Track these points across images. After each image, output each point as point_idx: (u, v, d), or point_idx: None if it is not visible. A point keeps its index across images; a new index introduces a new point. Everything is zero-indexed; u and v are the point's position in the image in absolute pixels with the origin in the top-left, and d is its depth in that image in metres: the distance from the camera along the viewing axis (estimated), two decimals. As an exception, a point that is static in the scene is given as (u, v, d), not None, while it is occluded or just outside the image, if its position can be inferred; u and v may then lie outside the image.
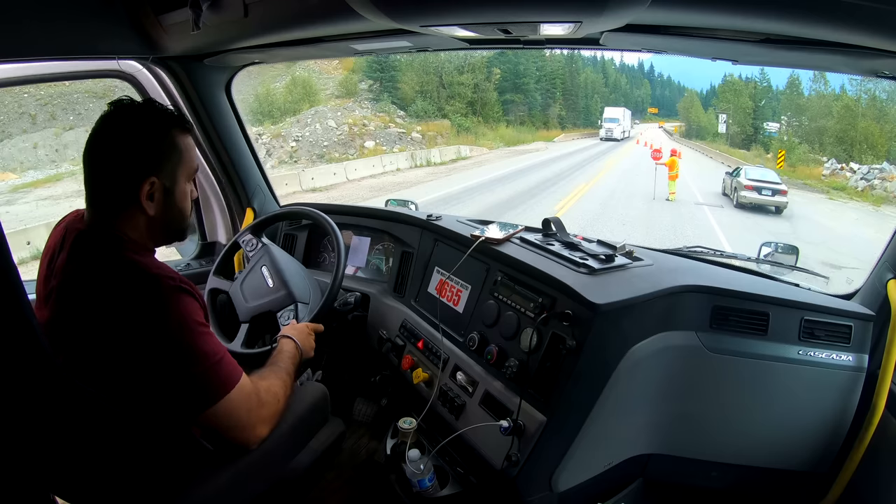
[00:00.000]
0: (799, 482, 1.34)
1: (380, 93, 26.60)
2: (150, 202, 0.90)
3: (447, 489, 1.23)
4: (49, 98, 18.72)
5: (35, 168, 16.69)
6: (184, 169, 0.94)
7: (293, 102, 23.72)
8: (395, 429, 1.37)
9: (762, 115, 34.31)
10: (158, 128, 0.91)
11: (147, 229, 0.93)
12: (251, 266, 1.56)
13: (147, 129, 0.90)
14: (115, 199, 0.89)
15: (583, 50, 6.43)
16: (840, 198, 17.06)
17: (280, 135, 20.43)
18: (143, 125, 0.90)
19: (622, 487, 1.33)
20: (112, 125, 0.90)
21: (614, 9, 0.83)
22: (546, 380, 1.10)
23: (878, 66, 1.00)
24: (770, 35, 0.94)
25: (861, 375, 1.24)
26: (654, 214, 11.42)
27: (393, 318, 1.60)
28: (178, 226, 0.98)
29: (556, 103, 40.18)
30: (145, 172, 0.89)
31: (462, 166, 19.42)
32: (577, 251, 1.34)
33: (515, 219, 3.21)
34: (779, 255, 1.57)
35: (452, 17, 0.99)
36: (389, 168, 17.38)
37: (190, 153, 0.95)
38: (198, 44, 1.43)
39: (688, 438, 1.30)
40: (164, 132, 0.91)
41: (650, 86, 77.86)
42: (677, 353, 1.19)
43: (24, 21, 1.07)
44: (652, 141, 27.45)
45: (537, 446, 1.07)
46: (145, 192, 0.89)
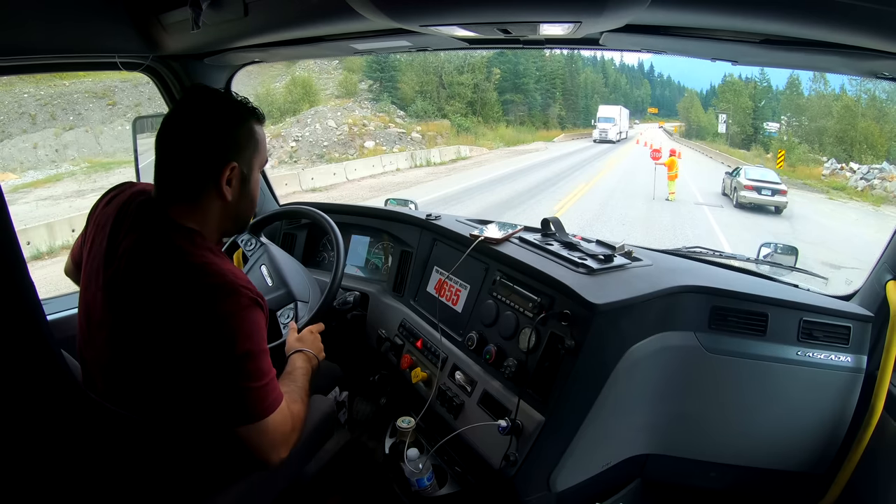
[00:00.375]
0: (797, 483, 1.34)
1: (380, 93, 26.58)
2: (228, 187, 0.91)
3: (445, 488, 1.23)
4: (49, 98, 18.71)
5: (35, 168, 16.68)
6: (258, 158, 0.96)
7: (293, 102, 23.71)
8: (394, 428, 1.38)
9: (762, 115, 34.32)
10: (239, 115, 0.93)
11: (221, 216, 0.94)
12: (250, 265, 1.56)
13: (230, 116, 0.92)
14: (193, 182, 0.90)
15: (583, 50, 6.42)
16: (840, 198, 17.06)
17: (280, 135, 20.42)
18: (225, 111, 0.92)
19: (620, 487, 1.33)
20: (194, 109, 0.91)
21: (614, 9, 0.83)
22: (544, 380, 1.10)
23: (878, 67, 1.01)
24: (770, 36, 0.95)
25: (859, 376, 1.24)
26: (653, 214, 11.42)
27: (392, 318, 1.60)
28: (249, 213, 1.00)
29: (556, 103, 40.16)
30: (228, 157, 0.90)
31: (462, 166, 19.41)
32: (576, 251, 1.34)
33: (515, 219, 3.21)
34: (778, 255, 1.57)
35: (452, 17, 0.99)
36: (389, 168, 17.37)
37: (263, 144, 0.97)
38: (198, 43, 1.43)
39: (686, 439, 1.30)
40: (244, 120, 0.93)
41: (650, 86, 77.87)
42: (676, 353, 1.19)
43: (25, 19, 1.07)
44: (651, 141, 27.46)
45: (535, 446, 1.07)
46: (226, 176, 0.90)
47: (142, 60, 1.53)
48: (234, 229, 1.00)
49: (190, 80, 1.66)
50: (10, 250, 0.68)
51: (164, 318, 0.83)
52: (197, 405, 0.86)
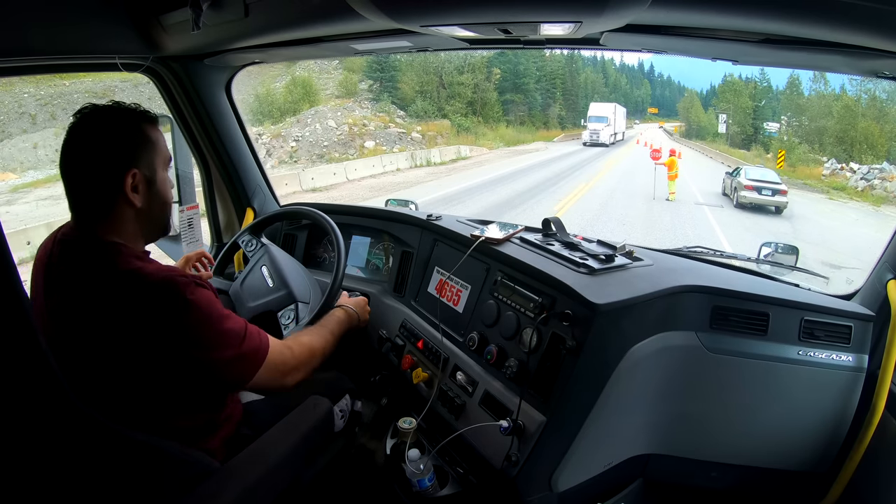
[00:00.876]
0: (799, 482, 1.34)
1: (380, 93, 26.60)
2: (135, 194, 0.92)
3: (447, 489, 1.23)
4: (49, 98, 18.72)
5: (35, 168, 16.69)
6: (160, 158, 0.97)
7: (293, 102, 23.72)
8: (395, 429, 1.38)
9: (762, 115, 34.31)
10: (129, 123, 0.94)
11: (137, 225, 0.95)
12: (251, 266, 1.56)
13: (119, 126, 0.93)
14: (101, 199, 0.91)
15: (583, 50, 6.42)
16: (840, 198, 17.06)
17: (280, 135, 20.43)
18: (114, 123, 0.92)
19: (622, 487, 1.33)
20: (84, 130, 0.91)
21: (614, 9, 0.83)
22: (546, 380, 1.10)
23: (878, 66, 1.01)
24: (770, 35, 0.94)
25: (861, 376, 1.24)
26: (653, 214, 11.42)
27: (393, 318, 1.60)
28: (164, 215, 1.01)
29: (556, 103, 40.17)
30: (126, 165, 0.91)
31: (462, 166, 19.41)
32: (577, 251, 1.34)
33: (515, 219, 3.22)
34: (779, 255, 1.57)
35: (452, 17, 0.99)
36: (389, 168, 17.37)
37: (161, 143, 0.98)
38: (198, 43, 1.43)
39: (687, 438, 1.30)
40: (135, 126, 0.94)
41: (650, 86, 77.89)
42: (677, 353, 1.19)
43: (25, 20, 1.07)
44: (651, 141, 27.45)
45: (537, 446, 1.07)
46: (129, 184, 0.91)
47: (142, 61, 1.53)
48: (155, 233, 1.01)
49: (190, 81, 1.66)
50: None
51: (118, 335, 0.84)
52: (184, 398, 0.92)
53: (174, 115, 1.76)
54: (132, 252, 0.91)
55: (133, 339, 0.84)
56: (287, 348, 1.04)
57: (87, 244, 0.90)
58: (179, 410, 0.94)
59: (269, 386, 1.00)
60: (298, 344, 1.08)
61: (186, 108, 1.73)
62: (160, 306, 0.85)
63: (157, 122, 0.99)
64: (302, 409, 1.17)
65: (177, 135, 1.79)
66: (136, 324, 0.84)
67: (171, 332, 0.85)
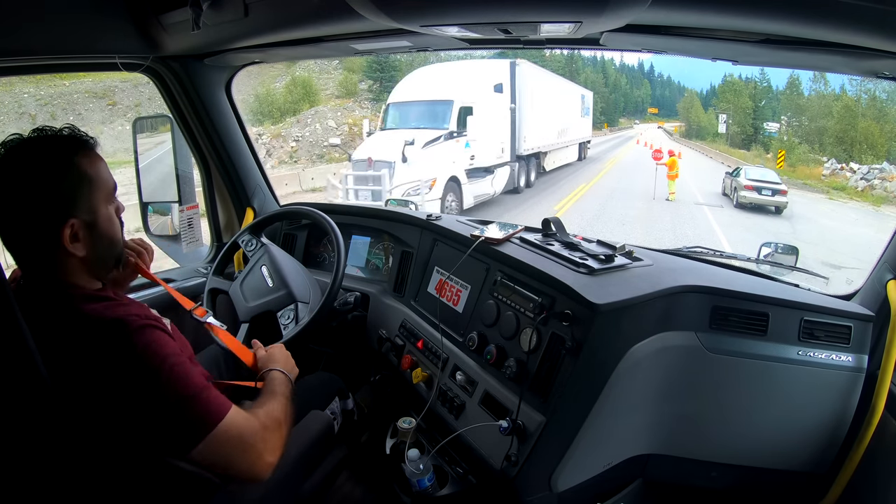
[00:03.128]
0: (798, 482, 1.34)
1: (380, 93, 26.57)
2: (76, 244, 0.82)
3: (446, 489, 1.23)
4: (49, 98, 18.72)
5: (35, 168, 16.67)
6: (100, 194, 0.85)
7: (293, 102, 23.71)
8: (395, 428, 1.38)
9: (762, 115, 34.30)
10: (60, 162, 0.81)
11: (84, 270, 0.85)
12: (251, 266, 1.56)
13: (49, 169, 0.80)
14: (37, 252, 0.82)
15: (583, 50, 6.41)
16: (840, 198, 17.05)
17: (280, 135, 20.42)
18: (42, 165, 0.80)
19: (622, 487, 1.33)
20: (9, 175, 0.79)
21: (614, 9, 0.83)
22: (545, 380, 1.10)
23: (878, 66, 1.01)
24: (770, 35, 0.95)
25: (860, 376, 1.24)
26: (653, 214, 11.41)
27: (393, 318, 1.60)
28: (112, 251, 0.90)
29: (556, 103, 40.08)
30: (60, 217, 0.80)
31: (462, 166, 19.37)
32: (577, 251, 1.34)
33: (515, 219, 3.21)
34: (778, 255, 1.57)
35: (453, 17, 0.99)
36: (389, 168, 17.32)
37: (101, 174, 0.85)
38: (198, 43, 1.43)
39: (687, 439, 1.30)
40: (67, 165, 0.81)
41: (650, 86, 77.85)
42: (677, 353, 1.19)
43: (25, 20, 1.07)
44: (651, 141, 27.45)
45: (537, 446, 1.07)
46: (66, 236, 0.80)
47: (142, 61, 1.53)
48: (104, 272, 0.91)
49: (190, 81, 1.66)
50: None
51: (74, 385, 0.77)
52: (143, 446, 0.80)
53: (174, 114, 1.76)
54: (84, 292, 0.84)
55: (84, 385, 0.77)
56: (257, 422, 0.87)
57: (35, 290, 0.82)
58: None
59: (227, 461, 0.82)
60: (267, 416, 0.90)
61: (186, 108, 1.73)
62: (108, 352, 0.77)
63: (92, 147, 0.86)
64: (302, 426, 1.16)
65: (177, 135, 1.79)
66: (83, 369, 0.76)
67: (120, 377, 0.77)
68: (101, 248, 0.87)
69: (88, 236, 0.84)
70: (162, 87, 1.69)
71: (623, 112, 62.60)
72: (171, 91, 1.69)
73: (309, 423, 1.17)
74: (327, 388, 1.43)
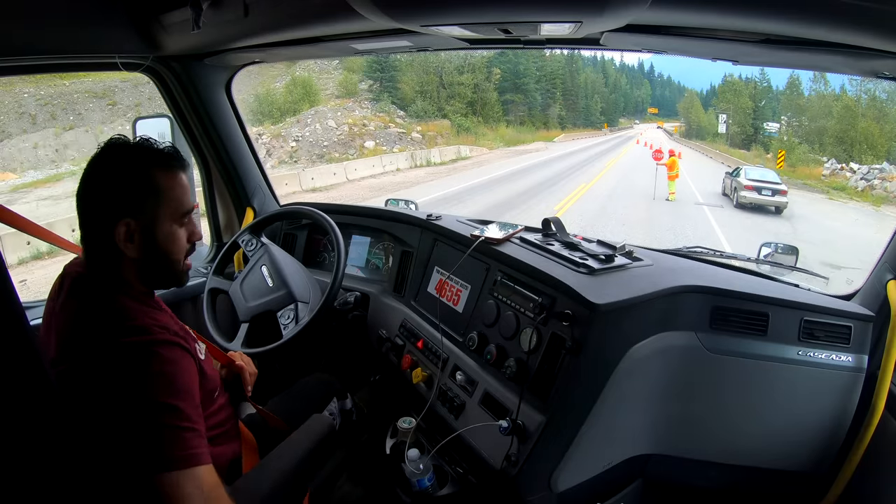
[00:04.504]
0: (798, 482, 1.34)
1: (380, 93, 26.60)
2: (129, 244, 0.86)
3: (446, 489, 1.23)
4: (49, 98, 18.73)
5: (35, 168, 16.70)
6: (167, 209, 0.89)
7: (293, 102, 23.73)
8: (395, 428, 1.38)
9: (762, 115, 34.31)
10: (137, 168, 0.87)
11: (135, 272, 0.90)
12: (251, 265, 1.56)
13: (124, 170, 0.87)
14: (97, 240, 0.87)
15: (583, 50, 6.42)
16: (840, 198, 17.06)
17: (280, 135, 20.44)
18: (121, 166, 0.87)
19: (622, 487, 1.33)
20: (96, 166, 0.87)
21: (614, 9, 0.83)
22: (545, 380, 1.10)
23: (878, 66, 1.00)
24: (770, 35, 0.94)
25: (860, 376, 1.24)
26: (653, 214, 11.42)
27: (392, 318, 1.60)
28: (166, 269, 0.93)
29: (556, 103, 40.16)
30: (119, 214, 0.85)
31: (462, 166, 19.41)
32: (577, 251, 1.34)
33: (515, 219, 3.22)
34: (778, 255, 1.57)
35: (453, 17, 0.99)
36: (389, 168, 17.37)
37: (175, 192, 0.90)
38: (198, 43, 1.43)
39: (687, 439, 1.30)
40: (142, 172, 0.87)
41: (650, 86, 77.87)
42: (677, 353, 1.19)
43: (24, 20, 1.07)
44: (651, 141, 27.46)
45: (537, 446, 1.07)
46: (121, 234, 0.85)
47: (142, 61, 1.53)
48: (155, 283, 0.94)
49: (190, 81, 1.66)
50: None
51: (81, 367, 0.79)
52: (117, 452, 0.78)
53: (174, 114, 1.76)
54: (131, 291, 0.88)
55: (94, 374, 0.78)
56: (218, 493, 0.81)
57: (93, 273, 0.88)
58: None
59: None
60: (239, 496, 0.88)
61: (186, 108, 1.73)
62: (123, 352, 0.78)
63: (176, 169, 0.91)
64: (304, 429, 1.16)
65: (177, 134, 1.79)
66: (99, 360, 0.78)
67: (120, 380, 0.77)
68: (153, 259, 0.90)
69: (142, 241, 0.88)
70: (162, 87, 1.69)
71: (623, 112, 62.69)
72: (171, 91, 1.69)
73: (311, 426, 1.18)
74: (325, 389, 1.44)
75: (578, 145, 31.38)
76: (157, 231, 0.89)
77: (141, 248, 0.88)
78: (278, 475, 1.02)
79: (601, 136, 42.03)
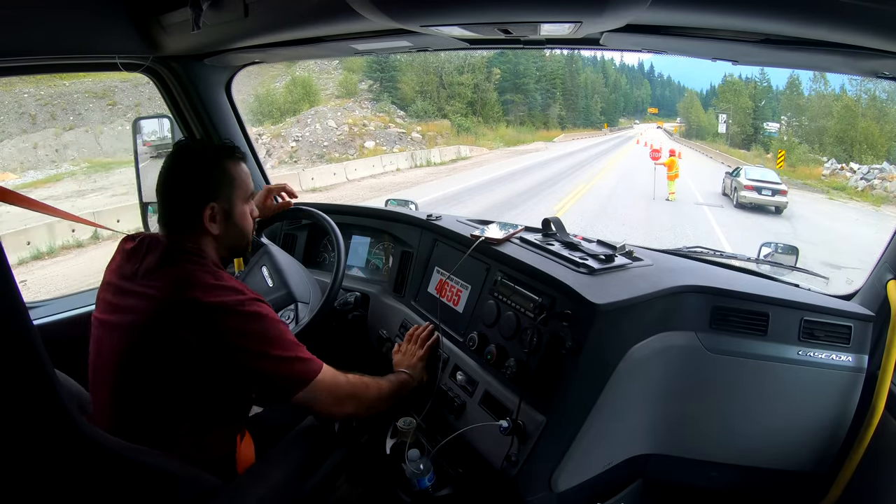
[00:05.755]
0: (798, 483, 1.34)
1: (380, 93, 26.60)
2: (213, 223, 1.03)
3: (446, 489, 1.23)
4: (49, 98, 18.73)
5: (35, 168, 16.70)
6: (239, 192, 1.07)
7: (293, 102, 23.73)
8: (395, 428, 1.37)
9: (762, 115, 34.33)
10: (211, 161, 1.05)
11: (216, 247, 1.06)
12: (251, 266, 1.56)
13: (202, 164, 1.04)
14: (187, 223, 1.03)
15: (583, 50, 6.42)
16: (840, 198, 17.07)
17: (280, 135, 20.43)
18: (198, 161, 1.05)
19: (622, 487, 1.33)
20: (176, 163, 1.05)
21: (614, 9, 0.83)
22: (546, 380, 1.10)
23: (878, 66, 1.00)
24: (770, 35, 0.94)
25: (861, 376, 1.24)
26: (653, 214, 11.43)
27: (393, 318, 1.60)
28: (241, 241, 1.12)
29: (556, 103, 40.16)
30: (204, 200, 1.02)
31: (462, 166, 19.42)
32: (577, 251, 1.34)
33: (515, 219, 3.22)
34: (778, 255, 1.57)
35: (452, 17, 0.99)
36: (389, 168, 17.38)
37: (242, 178, 1.08)
38: (198, 43, 1.43)
39: (687, 439, 1.30)
40: (215, 164, 1.05)
41: (650, 86, 77.87)
42: (677, 353, 1.19)
43: (24, 20, 1.07)
44: (651, 141, 27.45)
45: (537, 446, 1.07)
46: (207, 216, 1.02)
47: (142, 61, 1.53)
48: (230, 255, 1.13)
49: (190, 81, 1.66)
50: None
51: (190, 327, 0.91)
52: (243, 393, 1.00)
53: (174, 114, 1.76)
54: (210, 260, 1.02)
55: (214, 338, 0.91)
56: (343, 376, 1.08)
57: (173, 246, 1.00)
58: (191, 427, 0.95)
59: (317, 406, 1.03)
60: (356, 377, 1.12)
61: (186, 108, 1.73)
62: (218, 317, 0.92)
63: (240, 160, 1.09)
64: (302, 428, 1.17)
65: (177, 135, 1.79)
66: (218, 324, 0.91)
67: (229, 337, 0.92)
68: (232, 235, 1.08)
69: (224, 221, 1.06)
70: (162, 88, 1.69)
71: (623, 112, 62.70)
72: (171, 91, 1.69)
73: (309, 425, 1.18)
74: None
75: (578, 145, 31.38)
76: (233, 211, 1.07)
77: (222, 226, 1.05)
78: (277, 475, 1.03)
79: (601, 136, 42.03)
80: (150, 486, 0.84)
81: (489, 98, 31.91)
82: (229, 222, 1.06)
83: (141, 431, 0.90)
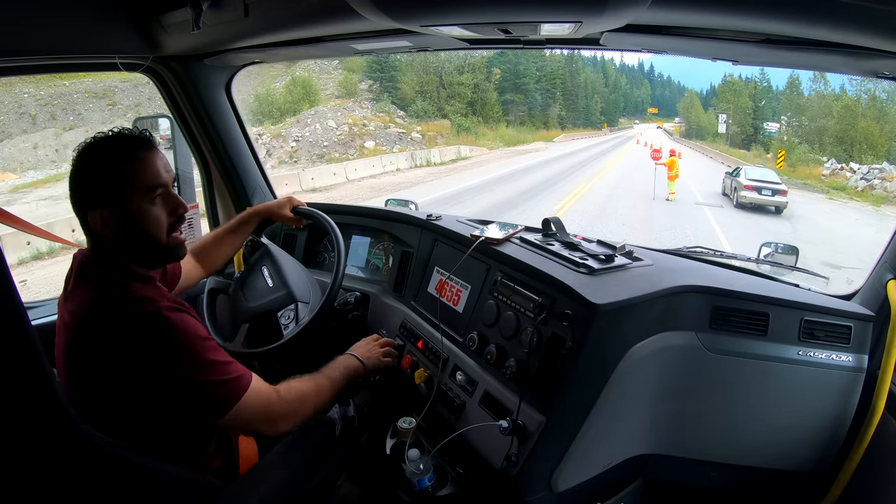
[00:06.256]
0: (798, 483, 1.34)
1: (380, 93, 26.61)
2: (107, 230, 0.91)
3: (446, 489, 1.23)
4: (49, 98, 18.73)
5: (35, 168, 16.71)
6: (134, 189, 0.91)
7: (293, 102, 23.73)
8: (395, 428, 1.37)
9: (762, 115, 34.33)
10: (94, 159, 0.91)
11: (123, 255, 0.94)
12: (251, 266, 1.56)
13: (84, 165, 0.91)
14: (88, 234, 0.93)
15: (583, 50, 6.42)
16: (840, 198, 17.07)
17: (280, 135, 20.44)
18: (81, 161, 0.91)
19: (622, 487, 1.33)
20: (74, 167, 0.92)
21: (614, 9, 0.83)
22: (546, 380, 1.10)
23: (878, 66, 1.00)
24: (770, 35, 0.94)
25: (861, 376, 1.24)
26: (653, 214, 11.43)
27: (393, 318, 1.60)
28: (149, 246, 0.95)
29: (556, 103, 40.17)
30: (88, 205, 0.90)
31: (462, 166, 19.42)
32: (577, 251, 1.34)
33: (515, 219, 3.22)
34: (778, 255, 1.57)
35: (452, 17, 0.98)
36: (389, 168, 17.38)
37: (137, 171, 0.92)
38: (198, 43, 1.43)
39: (688, 439, 1.30)
40: (99, 162, 0.91)
41: (650, 86, 77.85)
42: (677, 353, 1.19)
43: (24, 19, 1.07)
44: (651, 141, 27.46)
45: (537, 446, 1.07)
46: (97, 223, 0.90)
47: (142, 61, 1.53)
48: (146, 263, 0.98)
49: (190, 81, 1.66)
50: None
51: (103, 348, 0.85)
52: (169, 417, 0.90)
53: (174, 114, 1.76)
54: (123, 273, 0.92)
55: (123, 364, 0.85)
56: (275, 392, 0.99)
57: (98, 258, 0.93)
58: (182, 432, 0.94)
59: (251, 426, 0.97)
60: (288, 390, 1.04)
61: (186, 108, 1.73)
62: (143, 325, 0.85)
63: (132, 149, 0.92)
64: (305, 427, 1.17)
65: (177, 134, 1.79)
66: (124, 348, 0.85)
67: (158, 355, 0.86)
68: (133, 240, 0.93)
69: (117, 225, 0.91)
70: (162, 87, 1.69)
71: (623, 112, 62.70)
72: (171, 91, 1.69)
73: (311, 426, 1.18)
74: None
75: (578, 145, 31.38)
76: (128, 213, 0.91)
77: (117, 232, 0.91)
78: (277, 475, 1.02)
79: (601, 136, 42.03)
80: (150, 488, 0.84)
81: (489, 98, 31.91)
82: (125, 227, 0.92)
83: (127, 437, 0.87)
